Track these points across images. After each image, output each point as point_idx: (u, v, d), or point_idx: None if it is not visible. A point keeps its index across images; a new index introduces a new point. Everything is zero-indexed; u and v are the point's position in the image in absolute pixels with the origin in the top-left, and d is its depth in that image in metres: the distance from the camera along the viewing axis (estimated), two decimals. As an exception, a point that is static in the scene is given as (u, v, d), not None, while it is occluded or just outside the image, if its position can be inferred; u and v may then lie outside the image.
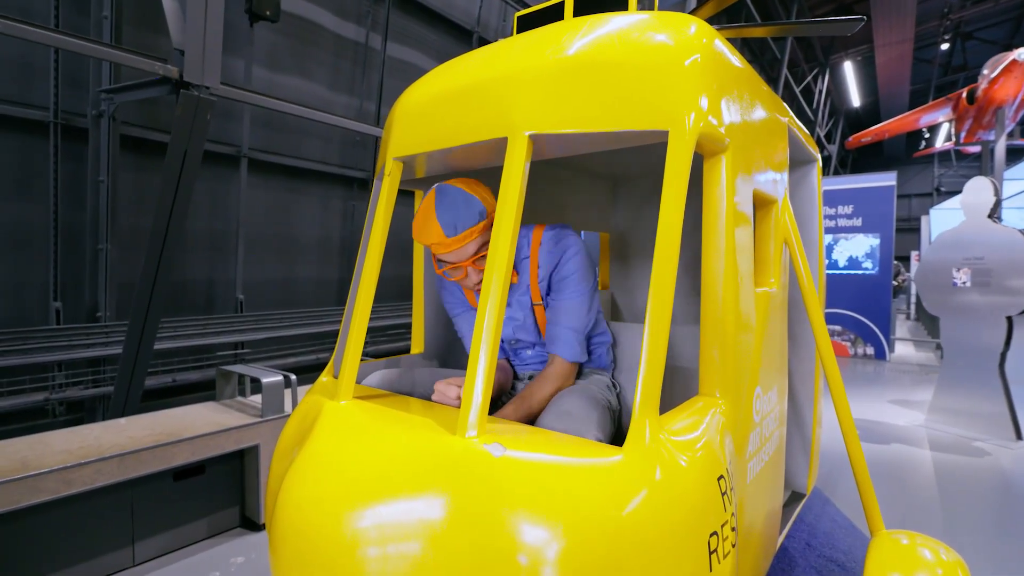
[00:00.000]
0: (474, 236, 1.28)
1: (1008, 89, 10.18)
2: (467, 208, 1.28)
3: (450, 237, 1.27)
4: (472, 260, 1.32)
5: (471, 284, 1.39)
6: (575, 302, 1.40)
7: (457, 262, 1.32)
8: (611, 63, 1.01)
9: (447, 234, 1.26)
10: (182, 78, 2.73)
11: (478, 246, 1.31)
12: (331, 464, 0.96)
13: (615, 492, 0.82)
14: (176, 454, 2.19)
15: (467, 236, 1.27)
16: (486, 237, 1.32)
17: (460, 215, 1.27)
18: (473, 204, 1.29)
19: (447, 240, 1.27)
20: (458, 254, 1.31)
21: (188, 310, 4.31)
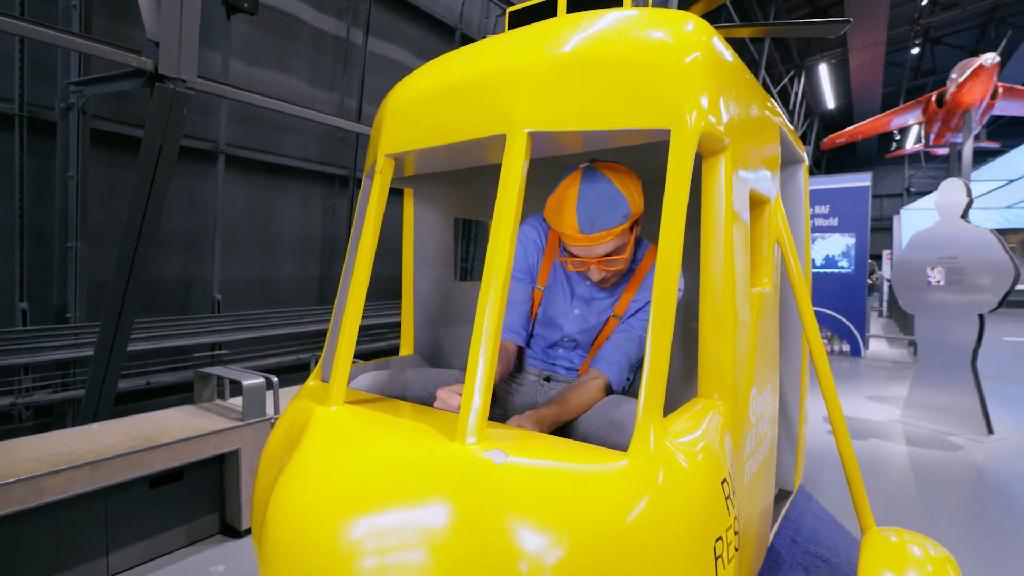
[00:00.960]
0: (611, 238, 1.19)
1: (975, 93, 10.50)
2: (612, 207, 1.18)
3: (585, 234, 1.18)
4: (600, 259, 1.24)
5: (589, 277, 1.33)
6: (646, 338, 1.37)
7: (584, 257, 1.24)
8: (612, 59, 0.99)
9: (583, 229, 1.17)
10: (157, 71, 2.63)
11: (613, 248, 1.23)
12: (324, 472, 0.93)
13: (619, 499, 0.80)
14: (152, 460, 2.12)
15: (604, 236, 1.18)
16: (625, 239, 1.24)
17: (603, 213, 1.17)
18: (620, 204, 1.19)
19: (580, 236, 1.18)
20: (588, 251, 1.23)
21: (163, 310, 4.19)
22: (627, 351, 1.37)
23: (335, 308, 1.38)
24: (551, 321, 1.50)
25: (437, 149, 1.18)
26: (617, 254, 1.23)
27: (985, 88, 10.36)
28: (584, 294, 1.46)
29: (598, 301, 1.44)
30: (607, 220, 1.17)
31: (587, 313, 1.45)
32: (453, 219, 1.98)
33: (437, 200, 1.90)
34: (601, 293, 1.44)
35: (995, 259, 3.77)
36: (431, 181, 1.84)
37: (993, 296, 3.76)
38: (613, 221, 1.18)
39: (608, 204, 1.18)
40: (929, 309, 4.10)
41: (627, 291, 1.42)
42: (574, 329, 1.47)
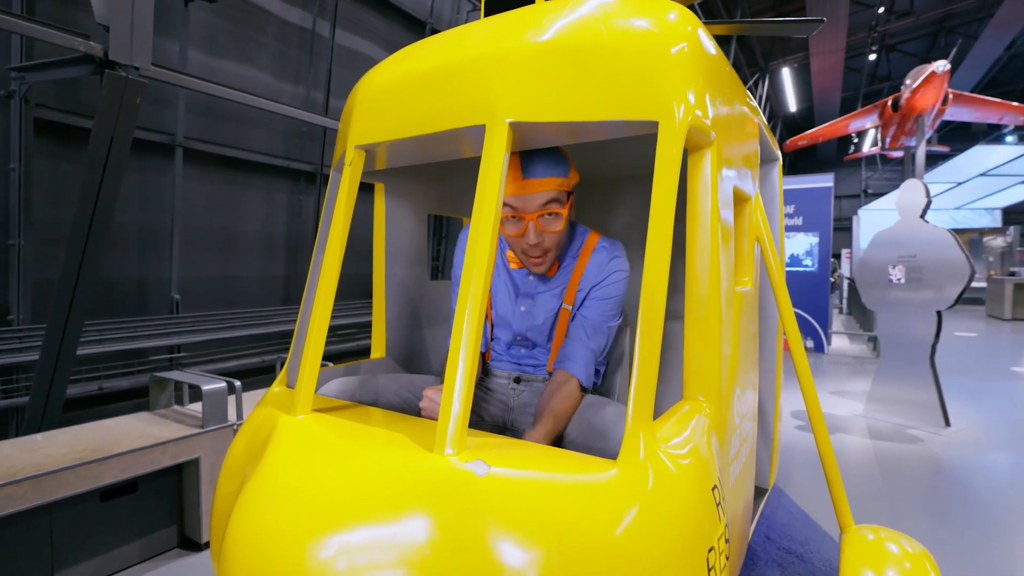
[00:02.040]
0: (549, 188, 1.25)
1: (928, 99, 10.92)
2: (552, 158, 1.25)
3: (526, 178, 1.23)
4: (536, 215, 1.26)
5: (524, 245, 1.32)
6: (603, 325, 1.38)
7: (522, 211, 1.26)
8: (597, 48, 0.94)
9: (523, 174, 1.23)
10: (107, 57, 2.47)
11: (548, 200, 1.26)
12: (290, 487, 0.86)
13: (610, 510, 0.75)
14: (103, 472, 1.98)
15: (542, 184, 1.24)
16: (562, 200, 1.29)
17: (544, 161, 1.24)
18: (560, 159, 1.27)
19: (521, 180, 1.23)
20: (526, 201, 1.26)
21: (117, 311, 3.96)
22: (588, 344, 1.36)
23: (301, 309, 1.30)
24: (503, 320, 1.51)
25: (410, 140, 1.11)
26: (555, 209, 1.27)
27: (937, 94, 10.79)
28: (528, 290, 1.47)
29: (543, 295, 1.45)
30: (547, 168, 1.25)
31: (534, 309, 1.46)
32: (426, 216, 1.91)
33: (410, 195, 1.83)
34: (544, 286, 1.45)
35: (952, 258, 3.91)
36: (403, 175, 1.77)
37: (950, 294, 3.90)
38: (552, 170, 1.25)
39: (549, 155, 1.26)
40: (890, 306, 4.23)
41: (572, 280, 1.43)
42: (523, 326, 1.47)
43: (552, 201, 1.27)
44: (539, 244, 1.31)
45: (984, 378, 5.78)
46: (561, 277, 1.44)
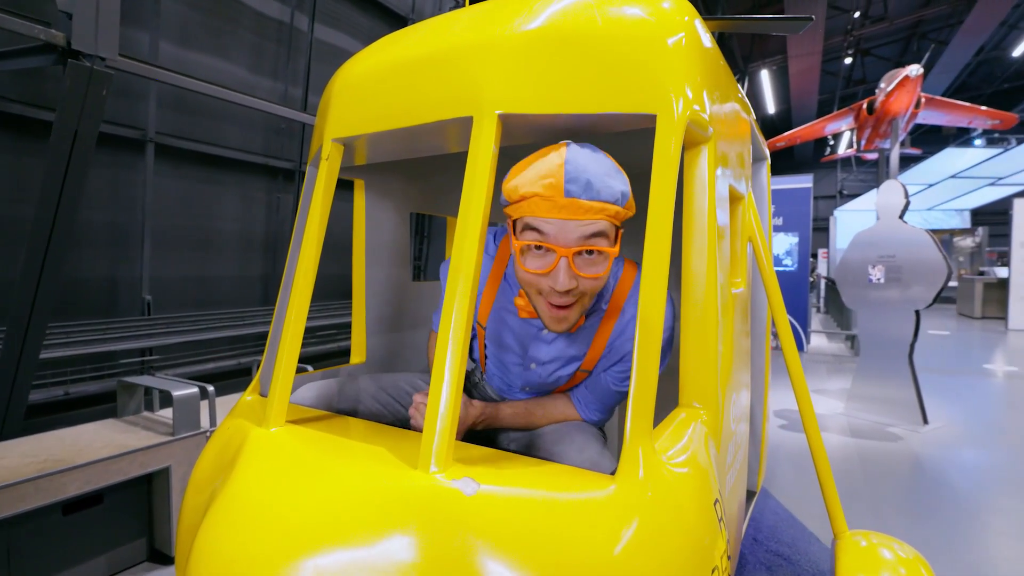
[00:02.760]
0: (600, 216, 0.90)
1: (901, 102, 11.17)
2: (612, 175, 0.91)
3: (572, 198, 0.87)
4: (575, 250, 0.91)
5: (546, 287, 0.96)
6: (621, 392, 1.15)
7: (554, 243, 0.91)
8: (592, 37, 0.89)
9: (571, 190, 0.87)
10: (70, 46, 2.35)
11: (595, 232, 0.91)
12: (261, 507, 0.79)
13: (607, 529, 0.70)
14: (66, 484, 1.88)
15: (592, 210, 0.89)
16: (609, 235, 0.93)
17: (602, 176, 0.89)
18: (621, 179, 0.93)
19: (562, 202, 0.87)
20: (564, 229, 0.90)
21: (85, 313, 3.80)
22: (608, 400, 1.16)
23: (276, 312, 1.23)
24: (504, 367, 1.24)
25: (392, 133, 1.05)
26: (601, 247, 0.92)
27: (911, 97, 11.04)
28: (539, 355, 1.16)
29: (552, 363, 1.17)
30: (606, 187, 0.89)
31: (542, 370, 1.19)
32: (409, 214, 1.84)
33: (391, 192, 1.76)
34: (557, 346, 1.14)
35: (930, 258, 3.97)
36: (385, 171, 1.70)
37: (928, 293, 3.95)
38: (612, 192, 0.90)
39: (607, 170, 0.91)
40: (870, 305, 4.28)
41: (598, 339, 1.11)
42: (532, 381, 1.22)
43: (599, 236, 0.92)
44: (571, 291, 0.95)
45: (958, 375, 5.91)
46: (584, 335, 1.12)
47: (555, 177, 0.88)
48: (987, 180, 15.92)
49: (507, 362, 1.22)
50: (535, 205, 0.91)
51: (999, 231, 16.23)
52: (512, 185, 0.94)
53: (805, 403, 1.49)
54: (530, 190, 0.91)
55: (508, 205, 0.97)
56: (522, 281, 1.01)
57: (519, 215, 0.95)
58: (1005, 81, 16.29)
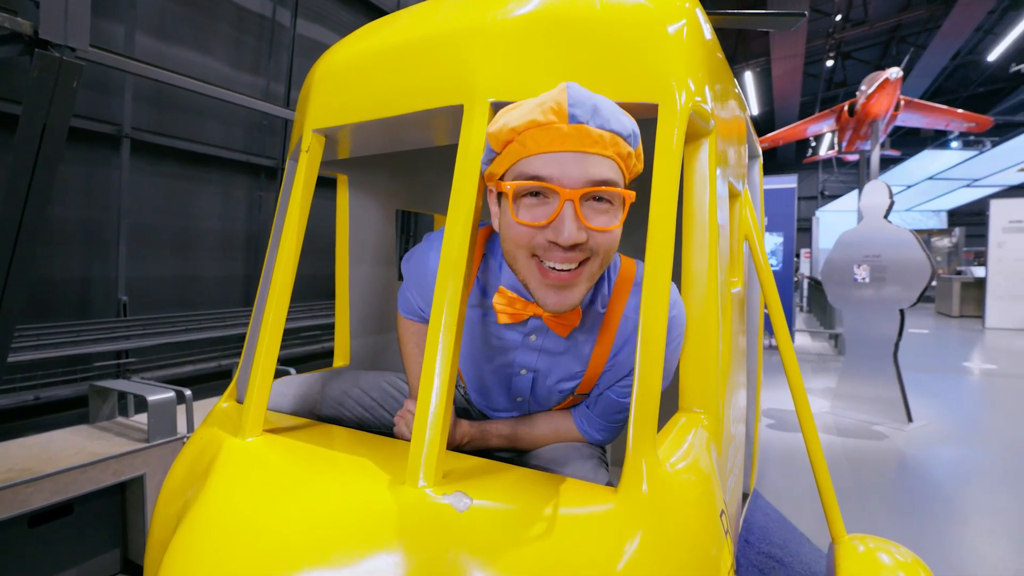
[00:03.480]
0: (614, 153, 0.74)
1: (881, 104, 11.35)
2: (623, 113, 0.76)
3: (579, 123, 0.71)
4: (583, 192, 0.72)
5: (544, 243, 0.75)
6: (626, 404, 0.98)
7: (557, 182, 0.72)
8: (590, 21, 0.85)
9: (575, 114, 0.71)
10: (37, 35, 2.24)
11: (604, 176, 0.73)
12: (236, 524, 0.73)
13: (610, 545, 0.66)
14: (32, 495, 1.78)
15: (610, 143, 0.73)
16: (619, 182, 0.76)
17: (612, 109, 0.75)
18: (630, 118, 0.78)
19: (569, 129, 0.71)
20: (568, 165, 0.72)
21: (56, 314, 3.66)
22: (611, 416, 1.01)
23: (253, 314, 1.16)
24: (485, 389, 1.07)
25: (377, 123, 0.99)
26: (614, 190, 0.74)
27: (890, 100, 11.23)
28: (529, 362, 0.98)
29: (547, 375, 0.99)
30: (615, 117, 0.74)
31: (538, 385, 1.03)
32: (394, 211, 1.78)
33: (376, 188, 1.70)
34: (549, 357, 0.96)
35: (914, 258, 4.01)
36: (369, 166, 1.63)
37: (912, 292, 3.99)
38: (623, 125, 0.75)
39: (615, 103, 0.77)
40: (855, 305, 4.31)
41: (599, 352, 0.95)
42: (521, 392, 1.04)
43: (608, 181, 0.74)
44: (580, 246, 0.75)
45: (938, 373, 6.00)
46: (580, 344, 0.95)
47: (556, 102, 0.72)
48: (963, 182, 16.27)
49: (488, 382, 1.05)
50: (530, 139, 0.73)
51: (975, 231, 16.60)
52: (499, 125, 0.75)
53: (803, 406, 1.46)
54: (525, 120, 0.72)
55: (493, 160, 0.78)
56: (510, 242, 0.79)
57: (507, 166, 0.76)
58: (980, 85, 16.66)
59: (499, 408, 1.11)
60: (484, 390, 1.07)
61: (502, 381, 1.03)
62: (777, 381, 5.53)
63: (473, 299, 0.97)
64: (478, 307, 0.98)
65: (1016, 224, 9.66)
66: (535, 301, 0.81)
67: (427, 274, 1.01)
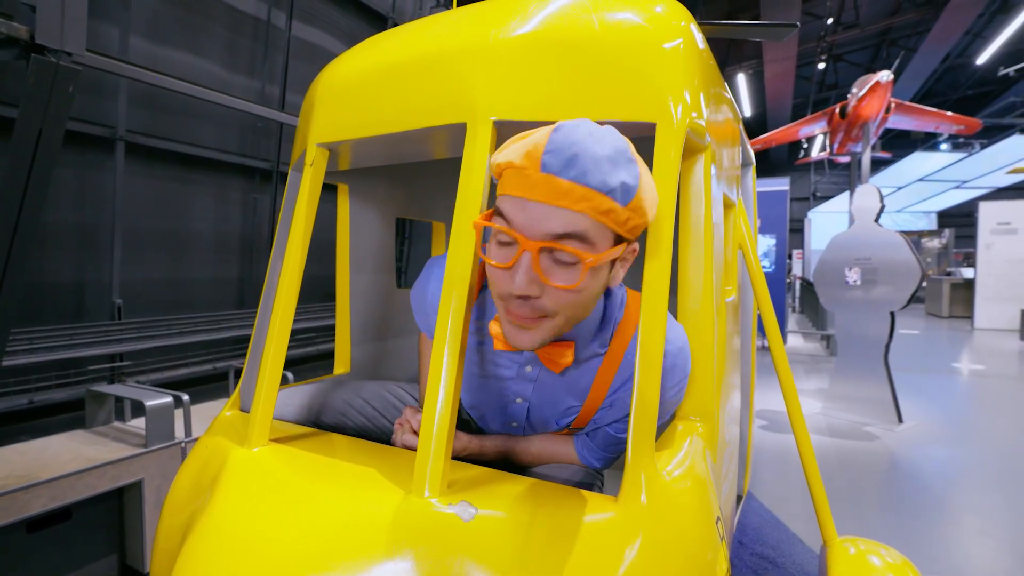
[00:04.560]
0: (587, 208, 0.68)
1: (872, 107, 11.46)
2: (619, 165, 0.68)
3: (548, 173, 0.67)
4: (541, 245, 0.69)
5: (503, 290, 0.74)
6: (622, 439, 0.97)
7: (520, 230, 0.70)
8: (590, 42, 0.87)
9: (547, 164, 0.67)
10: (33, 40, 2.24)
11: (569, 231, 0.69)
12: (246, 533, 0.75)
13: (610, 553, 0.68)
14: (30, 501, 1.78)
15: (581, 198, 0.67)
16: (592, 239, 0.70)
17: (596, 156, 0.67)
18: (629, 169, 0.69)
19: (538, 177, 0.67)
20: (534, 215, 0.69)
21: (50, 318, 3.65)
22: (609, 450, 1.00)
23: (257, 324, 1.17)
24: (482, 414, 1.09)
25: (379, 139, 1.01)
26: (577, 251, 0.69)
27: (881, 102, 11.34)
28: (525, 392, 0.97)
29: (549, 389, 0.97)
30: (598, 169, 0.67)
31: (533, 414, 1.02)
32: (394, 219, 1.80)
33: (376, 197, 1.71)
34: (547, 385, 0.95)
35: (904, 260, 4.06)
36: (369, 176, 1.65)
37: (903, 294, 4.04)
38: (605, 180, 0.67)
39: (610, 153, 0.68)
40: (847, 307, 4.36)
41: (598, 383, 0.93)
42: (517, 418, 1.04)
43: (574, 237, 0.69)
44: (530, 301, 0.73)
45: (928, 374, 6.07)
46: (578, 380, 0.93)
47: (536, 144, 0.68)
48: (953, 183, 16.47)
49: (484, 407, 1.05)
50: (508, 180, 0.70)
51: (965, 232, 16.78)
52: (493, 157, 0.74)
53: (795, 411, 1.49)
54: (506, 159, 0.70)
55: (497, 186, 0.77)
56: (489, 278, 0.78)
57: (499, 195, 0.75)
58: (970, 88, 16.86)
59: (496, 431, 1.11)
60: (481, 414, 1.09)
61: (498, 407, 1.03)
62: (770, 382, 5.59)
63: (472, 324, 0.96)
64: (475, 333, 0.98)
65: (1004, 226, 9.79)
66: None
67: (425, 304, 1.04)
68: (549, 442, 1.03)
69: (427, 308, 1.04)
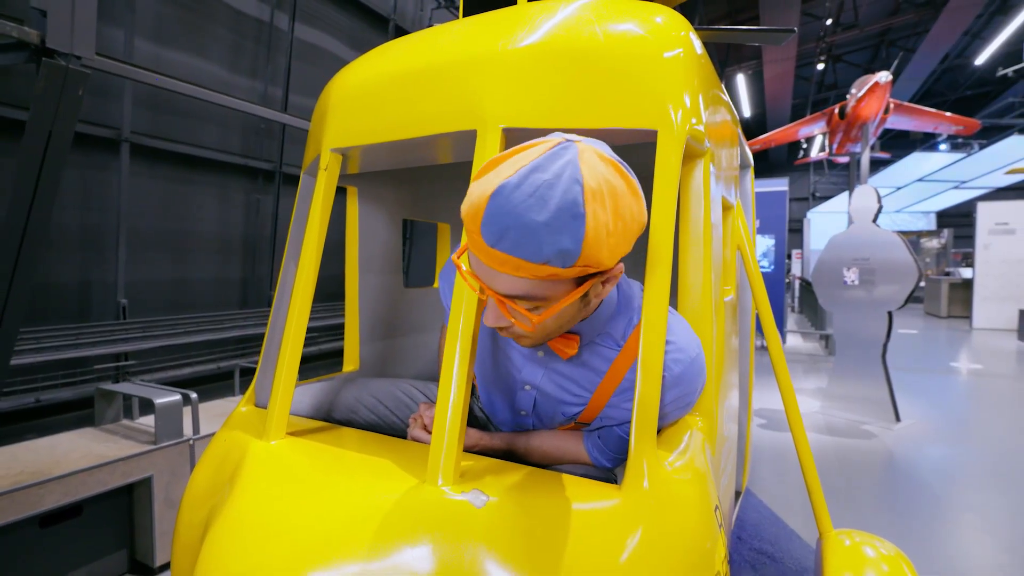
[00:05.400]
0: (521, 275, 0.71)
1: (871, 108, 11.49)
2: (550, 228, 0.66)
3: (490, 246, 0.69)
4: (500, 298, 0.75)
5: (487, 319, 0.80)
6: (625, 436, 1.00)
7: (482, 281, 0.76)
8: (595, 52, 0.91)
9: (487, 238, 0.68)
10: (44, 44, 2.28)
11: (523, 292, 0.73)
12: (268, 521, 0.78)
13: (613, 538, 0.72)
14: (43, 496, 1.82)
15: (518, 268, 0.69)
16: (554, 291, 0.74)
17: (528, 230, 0.66)
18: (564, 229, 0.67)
19: (482, 244, 0.69)
20: (486, 275, 0.74)
21: (56, 317, 3.68)
22: (616, 448, 1.01)
23: (271, 322, 1.21)
24: (492, 400, 1.13)
25: (390, 144, 1.05)
26: (530, 307, 0.75)
27: (880, 103, 11.37)
28: (534, 378, 1.01)
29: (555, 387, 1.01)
30: (533, 242, 0.67)
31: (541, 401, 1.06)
32: (401, 220, 1.83)
33: (384, 199, 1.75)
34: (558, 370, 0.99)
35: (901, 260, 4.10)
36: (377, 178, 1.69)
37: (900, 294, 4.08)
38: (540, 251, 0.67)
39: (548, 219, 0.66)
40: (845, 307, 4.40)
41: (607, 380, 0.96)
42: (527, 404, 1.06)
43: (520, 298, 0.75)
44: (504, 329, 0.82)
45: (926, 373, 6.11)
46: (588, 370, 0.97)
47: (477, 208, 0.69)
48: (952, 183, 16.50)
49: (494, 393, 1.10)
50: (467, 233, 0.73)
51: (963, 233, 16.83)
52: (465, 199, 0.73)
53: (792, 406, 1.53)
54: (464, 211, 0.72)
55: None
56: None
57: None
58: (968, 88, 16.91)
59: (504, 421, 1.14)
60: (491, 400, 1.12)
61: (507, 393, 1.07)
62: (770, 382, 5.63)
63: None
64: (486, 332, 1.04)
65: (1002, 226, 9.84)
66: None
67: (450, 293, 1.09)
68: (560, 440, 1.05)
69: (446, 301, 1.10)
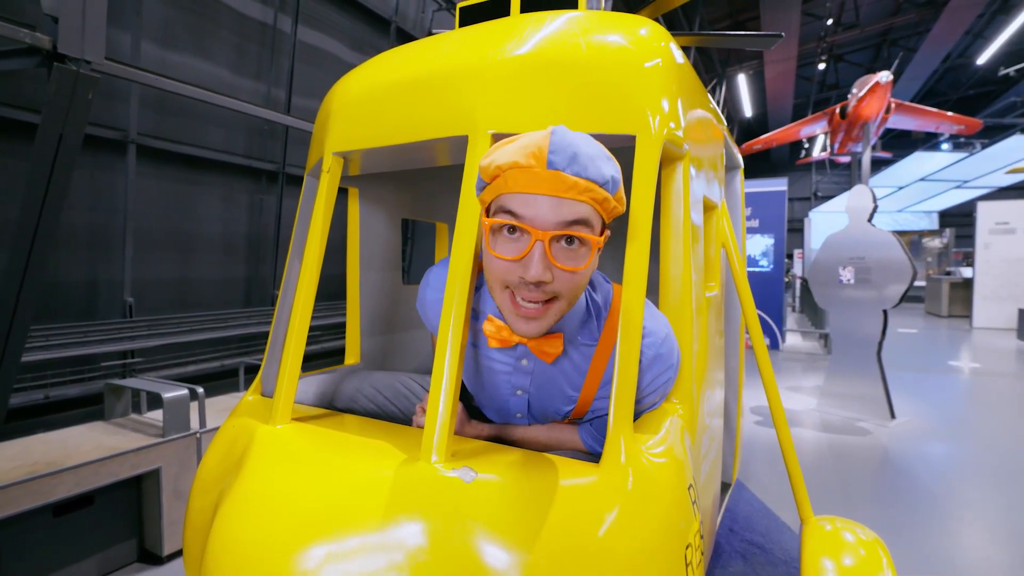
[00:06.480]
0: (588, 198, 0.79)
1: (872, 107, 11.49)
2: (605, 161, 0.81)
3: (555, 170, 0.77)
4: (553, 235, 0.79)
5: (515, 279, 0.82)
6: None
7: (530, 223, 0.79)
8: (578, 62, 0.97)
9: (554, 161, 0.77)
10: (56, 49, 2.35)
11: (577, 218, 0.79)
12: (275, 498, 0.85)
13: (592, 512, 0.78)
14: (56, 486, 1.90)
15: (584, 189, 0.78)
16: (593, 224, 0.82)
17: (592, 158, 0.79)
18: (612, 164, 0.82)
19: (546, 174, 0.77)
20: (542, 207, 0.78)
21: (65, 316, 3.76)
22: (603, 432, 1.02)
23: (276, 316, 1.28)
24: (487, 407, 1.15)
25: (389, 148, 1.12)
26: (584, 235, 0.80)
27: (881, 103, 11.38)
28: (524, 384, 1.03)
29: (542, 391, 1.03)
30: (594, 165, 0.79)
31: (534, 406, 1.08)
32: (400, 220, 1.90)
33: (384, 200, 1.82)
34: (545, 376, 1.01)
35: (896, 259, 4.15)
36: (377, 179, 1.76)
37: (895, 293, 4.13)
38: (601, 173, 0.79)
39: (597, 152, 0.81)
40: (841, 305, 4.45)
41: (592, 373, 1.00)
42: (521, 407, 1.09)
43: (581, 223, 0.80)
44: (543, 285, 0.81)
45: (924, 372, 6.15)
46: (572, 370, 1.00)
47: (538, 147, 0.78)
48: (954, 183, 16.49)
49: (488, 400, 1.12)
50: (512, 179, 0.79)
51: (965, 232, 16.82)
52: (489, 160, 0.81)
53: (774, 400, 1.59)
54: (508, 160, 0.79)
55: (483, 188, 0.85)
56: (489, 273, 0.86)
57: (493, 197, 0.83)
58: (970, 87, 16.91)
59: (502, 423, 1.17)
60: (486, 407, 1.16)
61: (501, 400, 1.09)
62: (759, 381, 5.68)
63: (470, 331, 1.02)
64: (470, 332, 1.03)
65: (1002, 226, 9.86)
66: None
67: (426, 308, 1.12)
68: (555, 430, 1.08)
69: (428, 311, 1.12)
